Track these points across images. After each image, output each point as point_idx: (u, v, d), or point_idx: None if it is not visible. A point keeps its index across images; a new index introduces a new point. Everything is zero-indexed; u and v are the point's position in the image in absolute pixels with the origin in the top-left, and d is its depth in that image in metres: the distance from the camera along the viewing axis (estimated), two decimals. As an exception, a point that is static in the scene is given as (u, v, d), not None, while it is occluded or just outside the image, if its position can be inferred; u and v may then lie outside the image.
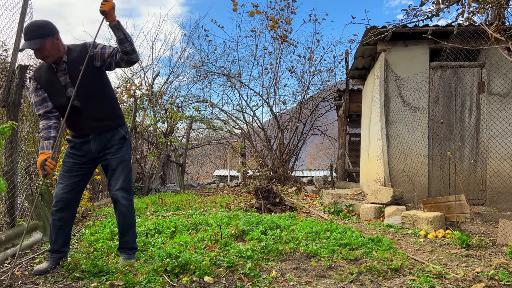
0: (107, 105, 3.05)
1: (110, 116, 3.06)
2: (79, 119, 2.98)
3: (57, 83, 2.91)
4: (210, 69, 12.54)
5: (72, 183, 3.02)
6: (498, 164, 5.70)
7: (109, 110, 3.06)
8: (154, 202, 7.02)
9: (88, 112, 2.96)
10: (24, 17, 3.78)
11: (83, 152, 3.04)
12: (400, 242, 4.02)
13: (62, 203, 2.97)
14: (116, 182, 3.06)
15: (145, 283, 2.58)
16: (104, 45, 2.93)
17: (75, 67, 2.87)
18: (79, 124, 3.01)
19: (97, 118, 2.98)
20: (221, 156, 19.39)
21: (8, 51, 5.22)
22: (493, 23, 4.06)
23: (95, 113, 2.97)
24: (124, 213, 3.10)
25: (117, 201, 3.07)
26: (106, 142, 3.04)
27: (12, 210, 3.65)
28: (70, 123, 3.04)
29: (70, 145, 3.08)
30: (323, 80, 12.59)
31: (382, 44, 6.17)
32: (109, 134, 3.05)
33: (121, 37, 2.77)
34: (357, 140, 10.69)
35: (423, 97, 6.01)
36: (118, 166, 3.06)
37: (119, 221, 3.14)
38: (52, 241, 3.03)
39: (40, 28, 2.76)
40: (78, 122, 3.00)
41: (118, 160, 3.06)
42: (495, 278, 2.66)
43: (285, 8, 10.76)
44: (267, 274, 2.81)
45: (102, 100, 3.01)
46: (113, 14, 2.74)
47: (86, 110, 2.95)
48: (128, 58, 2.84)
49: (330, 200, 6.43)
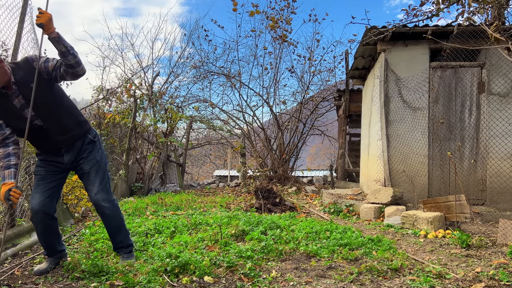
0: (68, 116, 2.91)
1: (74, 126, 2.94)
2: (45, 138, 2.86)
3: (12, 107, 2.73)
4: (210, 69, 12.56)
5: (48, 190, 2.90)
6: (498, 164, 5.70)
7: (72, 120, 2.93)
8: (154, 202, 7.02)
9: (52, 129, 2.84)
10: (24, 17, 3.78)
11: (55, 162, 2.96)
12: (400, 242, 4.02)
13: (42, 213, 2.86)
14: (93, 186, 2.98)
15: (145, 283, 2.58)
16: (47, 58, 2.79)
17: (25, 86, 2.71)
18: (47, 143, 2.90)
19: (62, 131, 2.87)
20: (221, 156, 19.39)
21: (8, 51, 5.22)
22: (493, 23, 4.06)
23: (60, 128, 2.86)
24: (109, 215, 3.03)
25: (98, 206, 2.99)
26: (78, 150, 2.96)
27: (12, 210, 3.65)
28: (38, 144, 2.93)
29: (40, 158, 2.98)
30: (323, 80, 12.60)
31: (382, 44, 6.17)
32: (79, 143, 2.96)
33: (62, 50, 2.63)
34: (357, 140, 10.69)
35: (423, 97, 6.01)
36: (92, 169, 2.98)
37: (107, 224, 3.09)
38: (45, 248, 3.00)
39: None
40: (45, 141, 2.89)
41: (91, 164, 2.98)
42: (495, 278, 2.66)
43: (285, 8, 10.77)
44: (267, 274, 2.81)
45: (63, 112, 2.88)
46: (52, 26, 2.61)
47: (49, 127, 2.83)
48: (72, 71, 2.71)
49: (330, 200, 6.43)
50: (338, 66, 12.60)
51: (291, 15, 10.84)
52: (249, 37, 12.56)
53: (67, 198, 5.03)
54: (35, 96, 2.66)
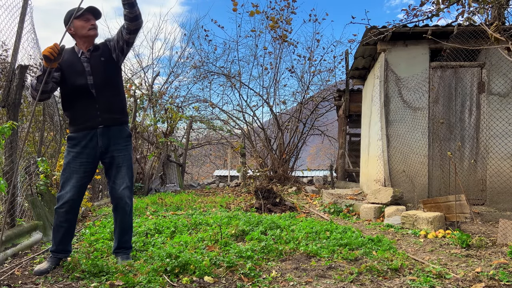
0: (119, 99, 3.08)
1: (121, 111, 3.08)
2: (90, 109, 2.95)
3: (79, 65, 2.95)
4: (210, 69, 12.56)
5: (81, 185, 2.96)
6: (498, 164, 5.70)
7: (120, 104, 3.09)
8: (154, 202, 7.02)
9: (101, 102, 2.96)
10: (24, 17, 3.78)
11: (88, 149, 2.98)
12: (400, 242, 4.02)
13: (68, 205, 2.92)
14: (123, 180, 3.04)
15: (145, 283, 2.58)
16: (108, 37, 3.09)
17: (97, 57, 2.98)
18: (88, 115, 2.96)
19: (109, 109, 2.99)
20: (221, 156, 19.39)
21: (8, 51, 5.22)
22: (493, 23, 4.06)
23: (108, 105, 2.99)
24: (127, 213, 3.09)
25: (122, 201, 3.04)
26: (114, 137, 3.02)
27: (12, 210, 3.65)
28: (78, 114, 2.97)
29: (72, 143, 2.99)
30: (323, 80, 12.60)
31: (382, 44, 6.17)
32: (116, 129, 3.03)
33: (131, 1, 2.82)
34: (357, 140, 10.69)
35: (423, 97, 6.02)
36: (124, 164, 3.05)
37: (122, 221, 3.11)
38: (57, 242, 2.99)
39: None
40: (88, 112, 2.95)
41: (126, 159, 3.06)
42: (495, 278, 2.66)
43: (285, 8, 10.77)
44: (267, 274, 2.81)
45: (116, 93, 3.05)
46: None
47: (100, 100, 2.95)
48: (136, 23, 2.91)
49: (330, 200, 6.42)
50: (338, 66, 12.62)
51: (291, 15, 10.85)
52: (249, 37, 12.58)
53: (67, 198, 5.02)
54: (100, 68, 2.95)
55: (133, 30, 2.95)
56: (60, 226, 2.98)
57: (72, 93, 2.95)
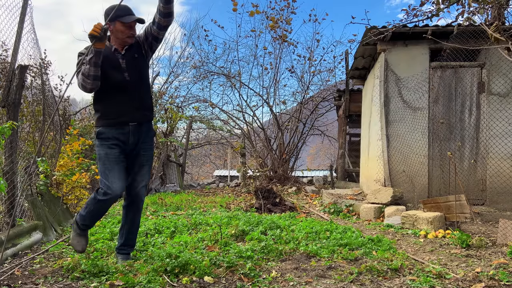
0: (149, 96, 3.13)
1: (151, 108, 3.12)
2: (124, 104, 2.95)
3: (116, 61, 2.95)
4: (210, 69, 12.56)
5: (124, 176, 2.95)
6: (498, 164, 5.69)
7: (150, 101, 3.14)
8: (154, 202, 7.02)
9: (134, 98, 2.99)
10: (24, 17, 3.78)
11: (120, 143, 2.97)
12: (400, 242, 4.02)
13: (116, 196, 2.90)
14: (142, 179, 3.08)
15: (145, 283, 2.58)
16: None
17: (131, 54, 3.00)
18: (122, 110, 2.96)
19: (141, 106, 3.02)
20: (221, 156, 19.40)
21: (8, 51, 5.22)
22: (493, 23, 4.06)
23: (140, 101, 3.02)
24: (140, 210, 3.17)
25: (138, 198, 3.08)
26: (143, 135, 3.04)
27: (12, 210, 3.65)
28: (112, 109, 2.96)
29: (103, 136, 2.95)
30: (323, 80, 12.60)
31: (382, 44, 6.17)
32: (145, 127, 3.06)
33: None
34: (357, 140, 10.69)
35: (423, 97, 6.01)
36: (147, 164, 3.11)
37: (134, 217, 3.14)
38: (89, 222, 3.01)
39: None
40: (122, 107, 2.96)
41: (149, 157, 3.13)
42: (495, 278, 2.66)
43: (285, 8, 10.77)
44: (267, 274, 2.81)
45: (147, 90, 3.10)
46: None
47: (134, 96, 2.98)
48: (168, 20, 2.92)
49: (330, 200, 6.42)
50: (338, 66, 12.61)
51: (291, 15, 10.85)
52: (249, 37, 12.57)
53: (67, 198, 5.02)
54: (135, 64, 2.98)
55: (164, 26, 2.95)
56: (101, 213, 3.01)
57: (107, 87, 2.92)
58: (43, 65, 5.63)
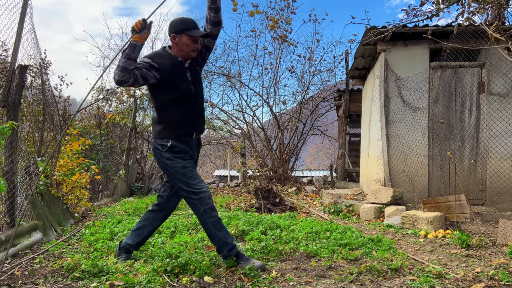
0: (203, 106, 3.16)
1: (204, 118, 3.15)
2: (191, 117, 3.00)
3: (184, 74, 2.97)
4: (210, 69, 12.54)
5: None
6: (498, 164, 5.69)
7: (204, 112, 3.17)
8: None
9: (199, 111, 3.06)
10: (24, 17, 3.77)
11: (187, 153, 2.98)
12: (400, 242, 4.02)
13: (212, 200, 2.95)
14: None
15: (145, 283, 2.58)
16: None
17: (194, 66, 3.03)
18: (192, 119, 3.00)
19: (202, 116, 3.09)
20: (221, 156, 19.40)
21: (8, 51, 5.23)
22: (493, 23, 4.05)
23: (202, 113, 3.10)
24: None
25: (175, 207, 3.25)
26: (199, 147, 3.16)
27: (12, 210, 3.65)
28: (184, 117, 2.96)
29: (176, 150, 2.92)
30: (323, 80, 12.60)
31: (382, 44, 6.17)
32: (199, 140, 3.14)
33: (218, 6, 2.89)
34: (357, 140, 10.69)
35: (423, 97, 6.01)
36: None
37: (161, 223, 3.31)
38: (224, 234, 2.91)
39: None
40: (191, 117, 3.00)
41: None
42: (495, 278, 2.66)
43: (285, 8, 10.77)
44: (267, 274, 2.81)
45: (203, 102, 3.13)
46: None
47: (198, 108, 3.05)
48: (218, 29, 2.98)
49: (330, 200, 6.42)
50: (338, 66, 12.63)
51: (291, 15, 10.85)
52: (249, 37, 12.60)
53: (67, 198, 5.02)
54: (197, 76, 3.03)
55: (215, 35, 3.01)
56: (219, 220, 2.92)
57: (176, 99, 2.93)
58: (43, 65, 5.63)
